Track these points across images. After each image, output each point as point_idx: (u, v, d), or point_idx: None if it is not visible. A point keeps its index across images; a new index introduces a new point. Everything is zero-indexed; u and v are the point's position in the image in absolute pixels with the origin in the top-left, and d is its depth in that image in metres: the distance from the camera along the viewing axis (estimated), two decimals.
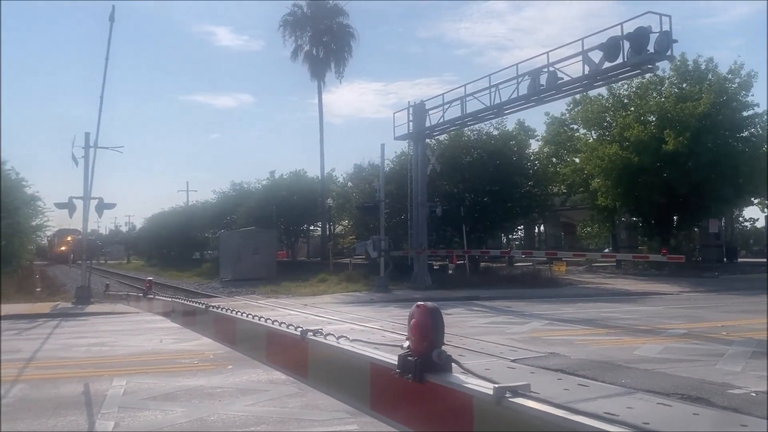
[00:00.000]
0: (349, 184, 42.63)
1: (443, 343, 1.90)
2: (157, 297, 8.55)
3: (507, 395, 1.61)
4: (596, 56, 19.41)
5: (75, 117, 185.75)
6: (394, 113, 27.81)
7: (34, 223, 35.09)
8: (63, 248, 62.76)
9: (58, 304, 21.02)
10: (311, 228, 53.70)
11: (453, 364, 1.90)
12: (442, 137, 31.26)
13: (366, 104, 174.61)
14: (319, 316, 15.56)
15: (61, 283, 35.38)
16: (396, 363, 2.02)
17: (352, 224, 40.02)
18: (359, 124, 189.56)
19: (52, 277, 41.99)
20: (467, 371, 1.85)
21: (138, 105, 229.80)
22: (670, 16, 18.15)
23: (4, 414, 6.75)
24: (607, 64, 19.20)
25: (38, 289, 28.21)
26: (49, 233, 59.42)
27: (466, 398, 1.73)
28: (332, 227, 49.36)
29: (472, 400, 1.71)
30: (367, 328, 12.59)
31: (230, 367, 9.03)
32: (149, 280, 9.00)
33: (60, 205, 22.60)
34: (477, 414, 1.70)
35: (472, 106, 24.16)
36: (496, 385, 1.63)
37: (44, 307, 19.98)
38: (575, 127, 42.33)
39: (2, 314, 17.45)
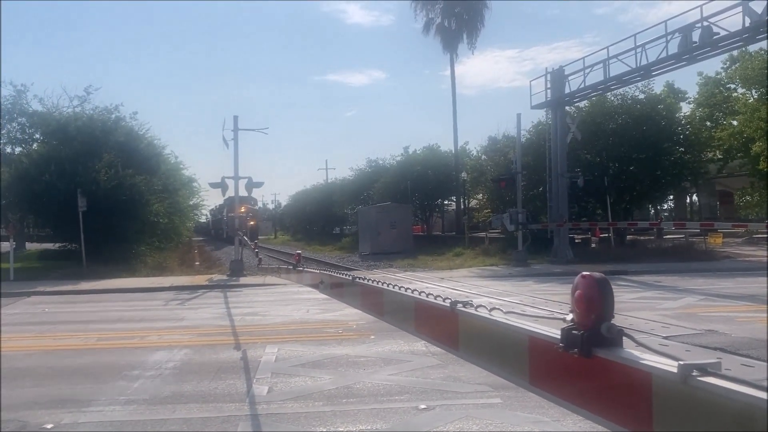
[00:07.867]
0: (483, 156, 42.05)
1: (613, 316, 1.77)
2: (305, 269, 8.94)
3: (694, 373, 1.46)
4: (759, 6, 17.68)
5: (222, 102, 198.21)
6: (530, 81, 27.03)
7: (191, 203, 38.14)
8: (251, 222, 33.94)
9: (215, 276, 22.73)
10: (445, 202, 53.72)
11: (624, 339, 1.77)
12: (582, 104, 29.82)
13: (500, 73, 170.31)
14: (456, 289, 15.56)
15: (216, 258, 38.13)
16: (558, 337, 1.92)
17: (487, 197, 39.44)
18: (493, 94, 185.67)
19: (208, 251, 45.34)
20: (643, 346, 1.71)
21: (277, 87, 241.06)
22: None
23: (172, 376, 7.40)
24: None
25: (197, 263, 30.59)
26: (206, 211, 60.83)
27: (644, 375, 1.60)
28: (467, 201, 49.06)
29: (650, 378, 1.58)
30: (506, 302, 12.40)
31: (372, 337, 9.28)
32: (298, 253, 9.41)
33: (214, 185, 24.36)
34: (657, 393, 1.56)
35: (616, 69, 22.87)
36: (681, 362, 1.49)
37: (202, 279, 21.68)
38: (732, 86, 38.88)
39: (167, 286, 19.22)
